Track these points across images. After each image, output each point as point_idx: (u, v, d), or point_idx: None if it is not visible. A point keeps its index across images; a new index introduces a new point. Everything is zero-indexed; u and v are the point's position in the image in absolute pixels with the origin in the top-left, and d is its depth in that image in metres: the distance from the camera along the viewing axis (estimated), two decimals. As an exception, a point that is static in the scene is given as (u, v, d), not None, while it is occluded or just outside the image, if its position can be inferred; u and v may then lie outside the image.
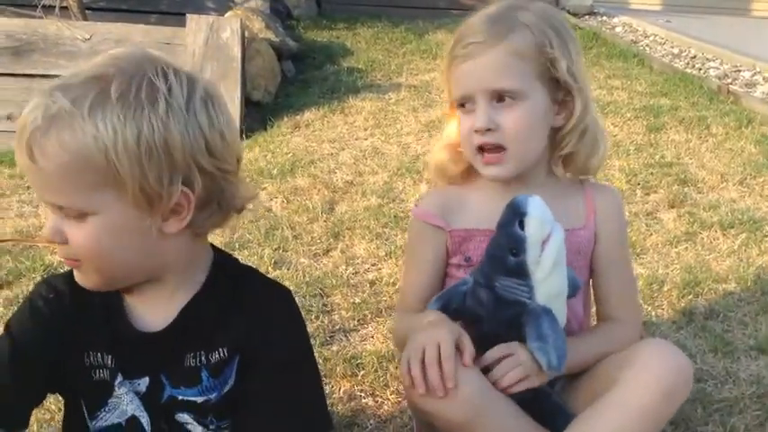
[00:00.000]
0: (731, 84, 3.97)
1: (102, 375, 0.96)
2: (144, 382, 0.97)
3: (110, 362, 0.96)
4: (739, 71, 4.28)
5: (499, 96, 1.16)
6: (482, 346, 1.15)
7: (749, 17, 7.25)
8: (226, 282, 0.99)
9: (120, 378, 0.96)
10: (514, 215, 1.11)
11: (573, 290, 1.17)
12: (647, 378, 1.07)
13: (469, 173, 1.28)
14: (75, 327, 0.96)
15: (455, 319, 1.17)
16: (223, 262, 1.02)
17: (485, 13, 1.21)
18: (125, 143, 0.82)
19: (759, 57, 4.42)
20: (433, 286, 1.28)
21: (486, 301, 1.14)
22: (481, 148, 1.19)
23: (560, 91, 1.19)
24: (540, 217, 1.09)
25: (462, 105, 1.20)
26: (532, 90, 1.17)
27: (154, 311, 0.96)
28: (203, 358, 0.96)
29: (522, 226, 1.09)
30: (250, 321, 0.97)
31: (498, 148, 1.18)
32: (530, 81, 1.16)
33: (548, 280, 1.11)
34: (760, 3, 7.46)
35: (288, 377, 0.97)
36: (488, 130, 1.16)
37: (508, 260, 1.11)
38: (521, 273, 1.11)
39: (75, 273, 0.94)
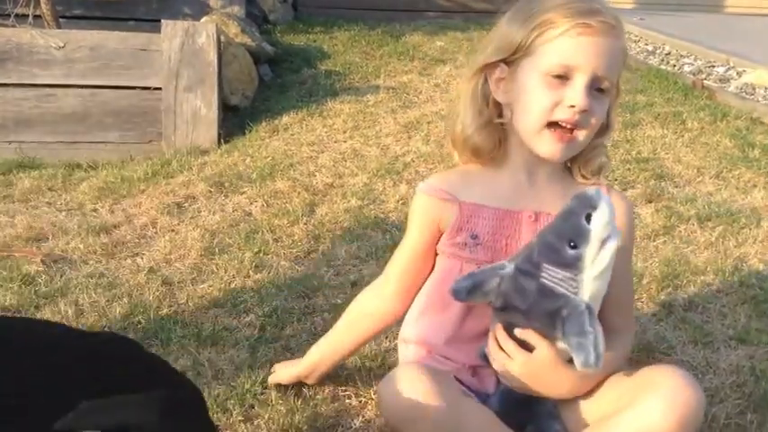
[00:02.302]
0: (705, 79, 4.02)
1: None
2: None
3: None
4: (713, 66, 4.33)
5: (598, 85, 1.16)
6: (509, 330, 1.17)
7: (722, 13, 7.34)
8: None
9: None
10: (584, 207, 1.09)
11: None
12: (665, 407, 1.06)
13: (494, 151, 1.26)
14: None
15: (483, 301, 1.17)
16: None
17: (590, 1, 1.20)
18: None
19: (733, 52, 4.48)
20: (415, 270, 1.28)
21: (529, 289, 1.12)
22: (554, 124, 1.17)
23: None
24: (608, 215, 1.08)
25: (558, 76, 1.15)
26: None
27: None
28: None
29: (588, 219, 1.08)
30: None
31: (572, 130, 1.17)
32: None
33: (596, 281, 1.10)
34: (732, -1, 7.56)
35: None
36: (584, 111, 1.15)
37: (565, 251, 1.09)
38: (574, 266, 1.09)
39: None
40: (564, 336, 1.10)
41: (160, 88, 3.08)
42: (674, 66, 4.40)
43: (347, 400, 1.47)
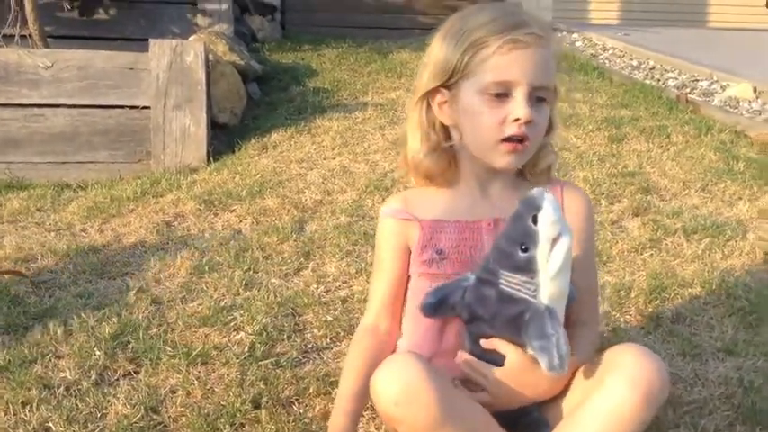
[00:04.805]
0: (690, 93, 4.06)
1: None
2: None
3: None
4: (697, 81, 4.39)
5: (537, 94, 1.20)
6: (477, 344, 1.17)
7: (706, 28, 7.44)
8: None
9: None
10: (529, 209, 1.11)
11: (569, 300, 1.17)
12: (625, 383, 1.09)
13: (447, 172, 1.30)
14: None
15: (452, 315, 1.18)
16: None
17: (519, 11, 1.25)
18: None
19: (716, 66, 4.54)
20: (398, 294, 1.30)
21: (490, 298, 1.14)
22: (506, 139, 1.20)
23: None
24: (553, 214, 1.10)
25: (497, 94, 1.19)
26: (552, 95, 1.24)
27: None
28: None
29: (534, 221, 1.10)
30: None
31: (523, 141, 1.21)
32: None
33: (553, 281, 1.11)
34: (716, 14, 7.67)
35: None
36: (529, 122, 1.19)
37: (517, 255, 1.11)
38: (528, 269, 1.11)
39: None
40: (528, 340, 1.11)
41: (149, 107, 3.09)
42: (659, 80, 4.45)
43: (338, 417, 1.47)
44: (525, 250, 1.10)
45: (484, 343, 1.17)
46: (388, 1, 5.83)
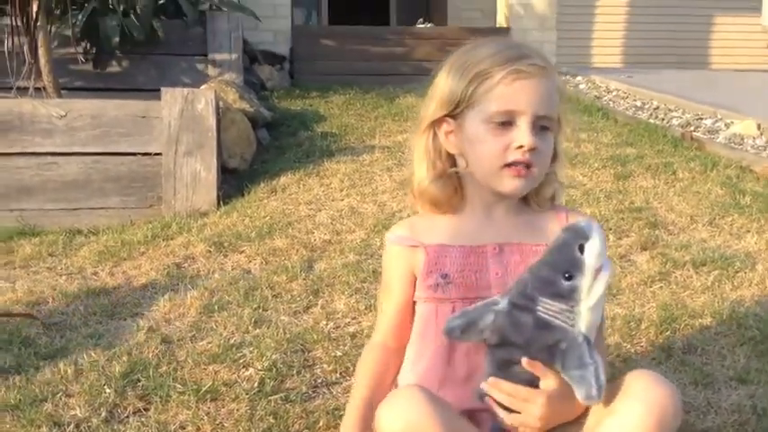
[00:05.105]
0: (694, 131, 4.09)
1: None
2: None
3: None
4: (701, 119, 4.42)
5: (540, 123, 1.23)
6: (502, 369, 1.16)
7: (708, 69, 7.52)
8: None
9: None
10: (577, 238, 1.12)
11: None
12: (640, 409, 1.09)
13: (453, 199, 1.33)
14: None
15: (477, 339, 1.18)
16: None
17: (521, 44, 1.31)
18: None
19: (720, 105, 4.58)
20: (405, 319, 1.30)
21: (526, 324, 1.14)
22: (510, 164, 1.23)
23: None
24: (600, 245, 1.11)
25: (502, 123, 1.23)
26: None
27: None
28: None
29: (581, 250, 1.11)
30: None
31: (529, 167, 1.23)
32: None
33: (591, 311, 1.12)
34: (718, 56, 7.76)
35: None
36: (533, 149, 1.22)
37: (560, 283, 1.11)
38: (570, 297, 1.11)
39: None
40: (564, 369, 1.11)
41: (160, 153, 3.15)
42: (663, 119, 4.49)
43: (348, 450, 1.46)
44: (569, 278, 1.11)
45: (525, 363, 1.15)
46: (392, 49, 5.94)
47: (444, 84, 1.30)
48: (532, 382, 1.16)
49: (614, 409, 1.11)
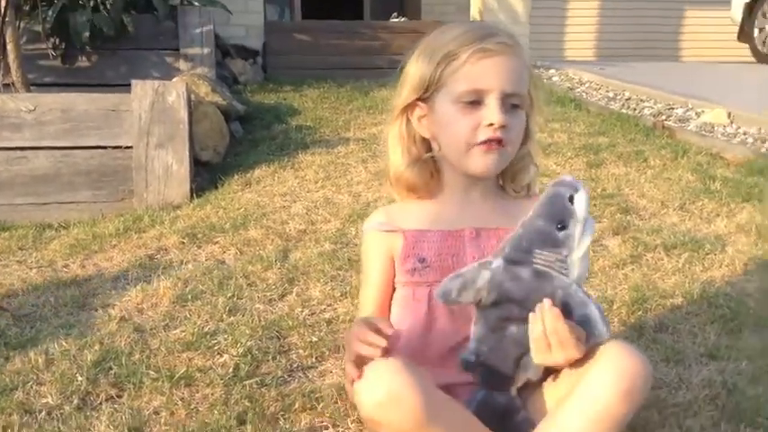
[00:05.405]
0: (665, 120, 4.14)
1: None
2: None
3: None
4: (672, 108, 4.47)
5: (510, 101, 1.24)
6: (496, 332, 1.19)
7: (679, 62, 7.62)
8: None
9: None
10: (567, 189, 1.17)
11: None
12: (610, 378, 1.10)
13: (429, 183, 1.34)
14: None
15: (473, 300, 1.19)
16: None
17: (487, 24, 1.33)
18: None
19: (691, 95, 4.63)
20: (385, 304, 1.31)
21: (525, 277, 1.17)
22: (481, 143, 1.24)
23: None
24: (586, 196, 1.16)
25: (470, 102, 1.24)
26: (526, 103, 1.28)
27: None
28: None
29: (571, 200, 1.16)
30: None
31: (500, 143, 1.25)
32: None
33: (581, 261, 1.17)
34: (689, 48, 7.86)
35: None
36: (503, 126, 1.23)
37: (554, 233, 1.16)
38: (565, 245, 1.16)
39: None
40: (566, 315, 1.13)
41: (131, 146, 3.11)
42: (635, 109, 4.53)
43: (324, 431, 1.46)
44: (563, 228, 1.15)
45: (546, 303, 1.13)
46: (367, 43, 5.93)
47: (415, 69, 1.31)
48: (524, 345, 1.18)
49: (585, 377, 1.13)
